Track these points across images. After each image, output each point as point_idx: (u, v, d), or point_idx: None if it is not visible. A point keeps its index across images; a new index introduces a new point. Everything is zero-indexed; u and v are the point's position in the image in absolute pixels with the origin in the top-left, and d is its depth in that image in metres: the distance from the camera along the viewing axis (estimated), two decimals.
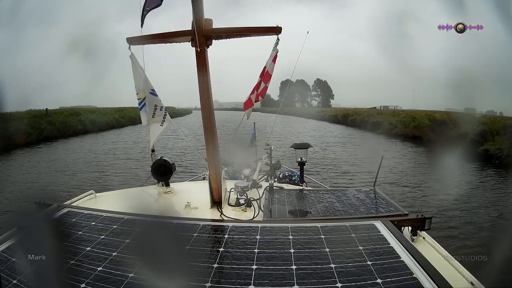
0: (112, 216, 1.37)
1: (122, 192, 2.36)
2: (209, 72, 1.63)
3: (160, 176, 2.27)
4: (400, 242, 1.06)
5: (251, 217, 1.71)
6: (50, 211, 1.41)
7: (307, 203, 1.86)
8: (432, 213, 5.03)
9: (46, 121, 15.44)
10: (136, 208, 1.45)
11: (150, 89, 2.37)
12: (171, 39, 1.66)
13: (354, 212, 1.69)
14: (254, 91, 2.79)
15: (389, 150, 10.71)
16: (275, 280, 0.90)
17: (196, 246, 1.11)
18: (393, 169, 7.91)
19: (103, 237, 1.19)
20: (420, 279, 0.86)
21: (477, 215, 5.22)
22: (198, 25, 1.52)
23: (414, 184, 6.90)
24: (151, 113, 2.42)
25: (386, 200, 1.87)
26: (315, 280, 0.88)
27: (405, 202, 5.59)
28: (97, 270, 0.96)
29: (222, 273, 0.95)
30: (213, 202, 1.86)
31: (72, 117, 17.82)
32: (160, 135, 2.55)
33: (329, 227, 1.23)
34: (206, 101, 1.66)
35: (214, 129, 1.75)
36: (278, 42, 2.06)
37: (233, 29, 1.67)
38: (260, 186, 2.21)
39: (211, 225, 1.30)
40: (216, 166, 1.79)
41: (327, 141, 14.17)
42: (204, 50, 1.56)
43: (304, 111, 45.37)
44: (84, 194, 2.04)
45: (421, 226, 1.46)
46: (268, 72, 2.60)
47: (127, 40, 1.91)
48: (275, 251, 1.06)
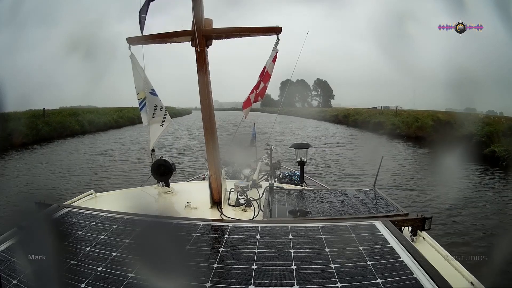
0: (112, 216, 1.37)
1: (122, 192, 2.36)
2: (209, 72, 1.63)
3: (160, 176, 2.27)
4: (400, 242, 1.06)
5: (251, 217, 1.71)
6: (50, 211, 1.41)
7: (307, 203, 1.86)
8: (440, 217, 4.89)
9: (43, 121, 15.17)
10: (136, 208, 1.45)
11: (150, 89, 2.37)
12: (171, 39, 1.66)
13: (354, 212, 1.69)
14: (254, 90, 2.80)
15: (391, 151, 10.46)
16: (275, 280, 0.90)
17: (196, 246, 1.11)
18: (397, 172, 7.70)
19: (103, 237, 1.19)
20: (420, 279, 0.86)
21: (485, 220, 5.03)
22: (198, 25, 1.52)
23: (419, 188, 6.62)
24: (151, 113, 2.42)
25: (386, 200, 1.87)
26: (315, 280, 0.88)
27: (414, 207, 5.35)
28: (97, 270, 0.96)
29: (222, 273, 0.95)
30: (213, 202, 1.86)
31: (70, 117, 17.44)
32: (160, 136, 2.55)
33: (329, 227, 1.23)
34: (206, 101, 1.66)
35: (214, 129, 1.75)
36: (278, 42, 2.06)
37: (233, 29, 1.67)
38: (260, 186, 2.21)
39: (211, 225, 1.30)
40: (216, 166, 1.79)
41: (329, 142, 13.94)
42: (204, 50, 1.56)
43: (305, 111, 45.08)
44: (84, 194, 2.04)
45: (421, 226, 1.46)
46: (267, 72, 2.61)
47: (127, 40, 1.91)
48: (275, 251, 1.06)
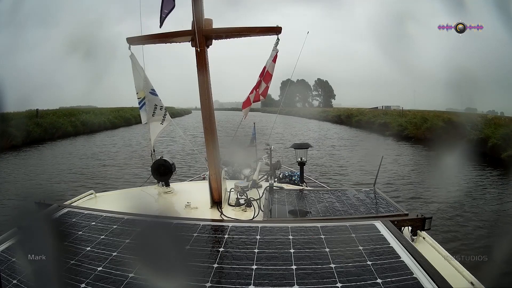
0: (112, 216, 1.37)
1: (122, 192, 2.37)
2: (209, 72, 1.63)
3: (160, 176, 2.27)
4: (400, 242, 1.06)
5: (251, 217, 1.71)
6: (50, 211, 1.41)
7: (307, 203, 1.86)
8: (467, 231, 4.50)
9: (34, 122, 14.37)
10: (136, 208, 1.45)
11: (150, 89, 2.38)
12: (171, 39, 1.66)
13: (354, 212, 1.69)
14: (254, 90, 2.80)
15: (402, 155, 9.98)
16: (275, 280, 0.90)
17: (196, 246, 1.11)
18: (412, 180, 7.01)
19: (103, 237, 1.19)
20: (420, 279, 0.86)
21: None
22: (198, 25, 1.52)
23: (443, 201, 5.73)
24: (151, 112, 2.43)
25: (386, 200, 1.86)
26: (315, 280, 0.88)
27: (439, 222, 4.71)
28: (97, 270, 0.96)
29: (222, 273, 0.95)
30: (213, 202, 1.86)
31: (63, 118, 16.74)
32: (160, 134, 2.56)
33: (329, 227, 1.23)
34: (206, 101, 1.66)
35: (214, 129, 1.75)
36: (278, 42, 2.07)
37: (233, 29, 1.67)
38: (260, 186, 2.21)
39: (211, 225, 1.30)
40: (216, 166, 1.79)
41: (333, 144, 13.52)
42: (204, 50, 1.57)
43: (306, 111, 44.63)
44: (84, 194, 2.04)
45: (421, 226, 1.46)
46: (268, 72, 2.61)
47: (127, 40, 1.91)
48: (275, 251, 1.06)
